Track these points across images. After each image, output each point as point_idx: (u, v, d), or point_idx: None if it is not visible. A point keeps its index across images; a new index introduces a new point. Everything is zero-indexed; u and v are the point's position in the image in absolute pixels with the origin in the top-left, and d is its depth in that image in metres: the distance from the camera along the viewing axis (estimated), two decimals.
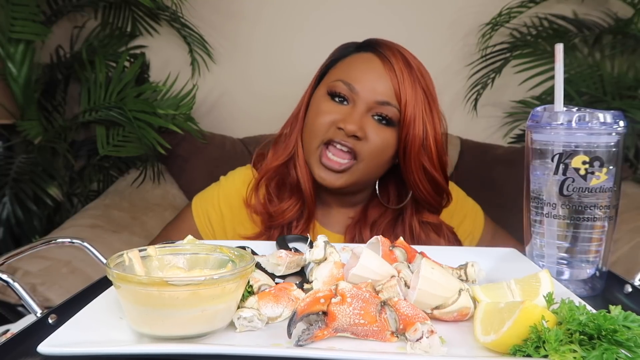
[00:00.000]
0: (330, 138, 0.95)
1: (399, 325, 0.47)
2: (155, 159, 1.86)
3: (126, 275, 0.46)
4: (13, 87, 1.94)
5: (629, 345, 0.41)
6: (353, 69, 0.99)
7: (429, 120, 0.96)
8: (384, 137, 0.96)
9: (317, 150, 0.97)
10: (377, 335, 0.47)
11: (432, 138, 0.96)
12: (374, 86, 0.95)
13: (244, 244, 0.71)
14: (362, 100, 0.96)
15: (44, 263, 1.35)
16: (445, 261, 0.65)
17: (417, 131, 0.95)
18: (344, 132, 0.94)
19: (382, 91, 0.95)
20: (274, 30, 2.10)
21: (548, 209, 0.64)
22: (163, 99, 1.94)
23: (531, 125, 0.66)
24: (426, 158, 0.97)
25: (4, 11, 1.83)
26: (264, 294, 0.52)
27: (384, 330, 0.47)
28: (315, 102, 1.02)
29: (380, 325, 0.47)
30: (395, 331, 0.47)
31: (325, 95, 0.99)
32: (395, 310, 0.47)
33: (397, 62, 0.96)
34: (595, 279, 0.64)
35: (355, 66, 0.99)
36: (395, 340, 0.47)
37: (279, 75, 2.11)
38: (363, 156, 0.95)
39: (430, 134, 0.96)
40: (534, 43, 1.97)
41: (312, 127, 0.99)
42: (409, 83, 0.95)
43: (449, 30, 2.05)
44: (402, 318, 0.47)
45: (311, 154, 0.98)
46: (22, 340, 0.47)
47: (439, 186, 1.00)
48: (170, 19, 2.05)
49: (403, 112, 0.95)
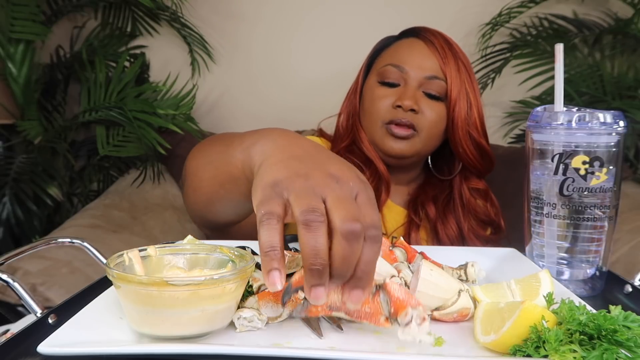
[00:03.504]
0: (391, 118, 1.04)
1: (391, 309, 0.46)
2: (155, 159, 1.86)
3: (126, 275, 0.46)
4: (13, 87, 1.94)
5: (629, 345, 0.41)
6: (399, 52, 1.09)
7: (471, 91, 1.06)
8: (437, 110, 1.05)
9: (381, 128, 1.06)
10: (370, 318, 0.47)
11: (475, 108, 1.07)
12: (421, 64, 1.05)
13: (244, 244, 0.71)
14: (412, 78, 1.05)
15: (44, 263, 1.35)
16: (445, 261, 0.65)
17: (462, 102, 1.05)
18: (402, 109, 1.03)
19: (429, 67, 1.05)
20: (274, 31, 2.10)
21: (548, 209, 0.64)
22: (163, 99, 1.94)
23: (531, 125, 0.66)
24: (472, 127, 1.07)
25: (4, 11, 1.83)
26: (264, 294, 0.52)
27: (378, 314, 0.47)
28: (368, 90, 1.10)
29: (373, 307, 0.47)
30: (388, 315, 0.46)
31: (377, 82, 1.08)
32: (387, 293, 0.46)
33: (438, 41, 1.07)
34: (595, 279, 0.64)
35: (401, 50, 1.09)
36: (389, 326, 0.46)
37: (279, 75, 2.11)
38: (421, 127, 1.04)
39: (473, 104, 1.07)
40: (534, 43, 1.97)
41: (371, 112, 1.08)
42: (451, 59, 1.05)
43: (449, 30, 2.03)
44: (394, 301, 0.46)
45: (375, 132, 1.07)
46: (22, 340, 0.47)
47: (484, 151, 1.10)
48: (170, 19, 2.05)
49: (449, 86, 1.04)
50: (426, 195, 1.12)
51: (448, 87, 1.04)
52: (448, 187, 1.14)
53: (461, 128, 1.05)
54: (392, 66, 1.06)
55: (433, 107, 1.05)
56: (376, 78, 1.09)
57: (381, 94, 1.06)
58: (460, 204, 1.11)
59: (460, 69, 1.06)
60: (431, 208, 1.10)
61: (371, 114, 1.07)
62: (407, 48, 1.09)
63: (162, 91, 1.95)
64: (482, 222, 1.13)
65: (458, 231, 1.09)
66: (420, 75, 1.04)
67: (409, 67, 1.05)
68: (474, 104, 1.06)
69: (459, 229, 1.09)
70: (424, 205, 1.11)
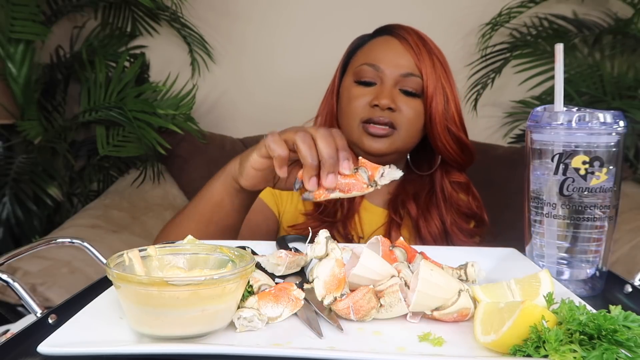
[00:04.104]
0: (368, 117, 1.04)
1: (369, 173, 0.67)
2: (155, 159, 1.86)
3: (126, 275, 0.46)
4: (13, 87, 1.94)
5: (629, 345, 0.41)
6: (374, 51, 1.09)
7: (447, 86, 1.07)
8: (414, 107, 1.06)
9: (358, 127, 1.06)
10: (356, 187, 0.67)
11: (452, 102, 1.07)
12: (396, 62, 1.05)
13: (244, 244, 0.71)
14: (388, 77, 1.05)
15: (44, 263, 1.35)
16: (445, 261, 0.65)
17: (439, 97, 1.05)
18: (379, 108, 1.03)
19: (404, 65, 1.05)
20: (274, 30, 2.10)
21: (548, 209, 0.64)
22: (163, 99, 1.94)
23: (531, 125, 0.66)
24: (450, 121, 1.07)
25: (4, 11, 1.83)
26: (264, 294, 0.52)
27: (361, 182, 0.67)
28: (345, 90, 1.10)
29: (356, 179, 0.67)
30: (367, 182, 0.67)
31: (353, 82, 1.08)
32: (364, 164, 0.68)
33: (412, 38, 1.07)
34: (595, 279, 0.64)
35: (376, 49, 1.09)
36: (370, 189, 0.67)
37: (279, 75, 2.11)
38: (400, 125, 1.05)
39: (450, 99, 1.07)
40: (534, 43, 1.97)
41: (348, 112, 1.08)
42: (426, 55, 1.06)
43: (449, 30, 2.05)
44: (369, 167, 0.67)
45: (353, 132, 1.07)
46: (22, 340, 0.47)
47: (464, 145, 1.10)
48: (170, 19, 2.05)
49: (425, 82, 1.05)
50: (406, 193, 1.12)
51: (424, 83, 1.04)
52: (429, 182, 1.14)
53: (439, 123, 1.06)
54: (368, 65, 1.06)
55: (410, 104, 1.05)
56: (352, 78, 1.09)
57: (358, 94, 1.06)
58: (442, 199, 1.12)
59: (435, 64, 1.06)
60: (412, 206, 1.10)
61: (348, 114, 1.07)
62: (382, 46, 1.09)
63: (162, 91, 1.95)
64: (465, 215, 1.13)
65: (441, 226, 1.09)
66: (395, 73, 1.05)
67: (384, 65, 1.05)
68: (451, 99, 1.07)
69: (442, 223, 1.09)
70: (404, 203, 1.11)
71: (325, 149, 0.68)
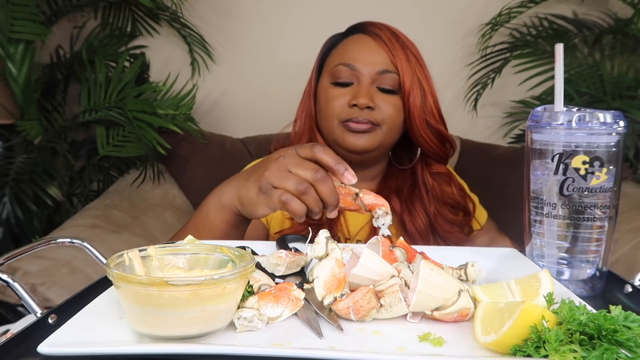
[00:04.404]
0: (347, 117, 1.04)
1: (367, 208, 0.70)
2: (155, 159, 1.86)
3: (126, 275, 0.46)
4: (13, 87, 1.94)
5: (629, 345, 0.41)
6: (348, 51, 1.08)
7: (423, 79, 1.07)
8: (393, 103, 1.06)
9: (339, 127, 1.06)
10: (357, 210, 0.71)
11: (429, 95, 1.07)
12: (371, 60, 1.05)
13: (244, 244, 0.71)
14: (364, 75, 1.05)
15: (44, 263, 1.35)
16: (445, 261, 0.65)
17: (416, 91, 1.05)
18: (358, 107, 1.03)
19: (379, 62, 1.05)
20: (274, 30, 2.10)
21: (548, 209, 0.64)
22: (163, 99, 1.94)
23: (531, 125, 0.66)
24: (428, 114, 1.07)
25: (4, 11, 1.83)
26: (264, 294, 0.52)
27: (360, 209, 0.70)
28: (322, 92, 1.10)
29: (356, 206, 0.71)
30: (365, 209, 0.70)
31: (330, 83, 1.08)
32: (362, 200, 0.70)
33: (385, 35, 1.07)
34: (595, 279, 0.64)
35: (350, 48, 1.09)
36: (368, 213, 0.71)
37: (279, 75, 2.11)
38: (381, 122, 1.05)
39: (427, 92, 1.07)
40: (534, 43, 1.97)
41: (327, 113, 1.08)
42: (400, 50, 1.05)
43: (449, 30, 2.05)
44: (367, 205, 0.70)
45: (334, 132, 1.07)
46: (22, 340, 0.47)
47: (443, 136, 1.10)
48: (170, 19, 2.06)
49: (402, 77, 1.04)
50: (389, 188, 1.13)
51: (400, 78, 1.04)
52: (410, 176, 1.14)
53: (418, 117, 1.06)
54: (343, 65, 1.06)
55: (389, 101, 1.05)
56: (329, 79, 1.08)
57: (335, 95, 1.06)
58: (425, 191, 1.12)
59: (410, 58, 1.06)
60: (395, 201, 1.10)
61: (327, 115, 1.07)
62: (356, 45, 1.08)
63: (162, 91, 1.95)
64: (449, 205, 1.13)
65: (426, 219, 1.09)
66: (372, 71, 1.04)
67: (360, 64, 1.05)
68: (428, 92, 1.07)
69: (427, 215, 1.09)
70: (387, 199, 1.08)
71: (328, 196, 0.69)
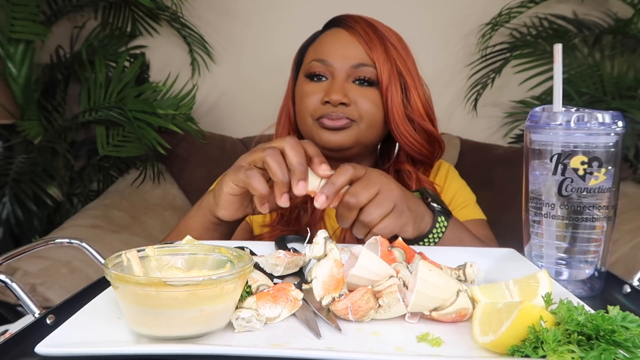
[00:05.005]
0: (321, 114, 0.99)
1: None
2: (155, 159, 1.86)
3: (124, 276, 0.46)
4: (13, 87, 1.95)
5: (627, 346, 0.41)
6: (323, 46, 1.05)
7: (406, 73, 1.01)
8: (370, 97, 1.00)
9: (314, 124, 1.01)
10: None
11: (414, 90, 1.01)
12: (345, 53, 1.00)
13: (243, 244, 0.71)
14: (338, 70, 1.00)
15: (44, 263, 1.35)
16: (444, 261, 0.65)
17: (395, 86, 0.99)
18: (331, 104, 0.98)
19: (353, 55, 1.00)
20: (274, 30, 2.10)
21: (547, 209, 0.64)
22: (163, 99, 1.95)
23: (530, 125, 0.66)
24: (414, 111, 1.01)
25: (4, 11, 1.84)
26: (262, 294, 0.52)
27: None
28: (298, 88, 1.07)
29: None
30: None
31: (304, 78, 1.04)
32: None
33: (360, 26, 1.02)
34: (594, 279, 0.64)
35: (324, 43, 1.05)
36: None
37: (279, 75, 2.10)
38: (358, 118, 0.99)
39: (411, 86, 1.01)
40: (534, 43, 1.97)
41: (301, 110, 1.04)
42: (377, 42, 1.00)
43: (449, 30, 2.05)
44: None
45: (310, 130, 1.02)
46: (19, 340, 0.47)
47: (431, 136, 1.04)
48: (170, 19, 2.06)
49: (379, 70, 0.99)
50: None
51: (378, 72, 0.99)
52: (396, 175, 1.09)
53: (397, 113, 0.99)
54: (317, 61, 1.02)
55: (367, 96, 0.99)
56: (303, 74, 1.05)
57: (309, 91, 1.02)
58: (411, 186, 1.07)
59: (389, 51, 1.00)
60: None
61: (302, 112, 1.03)
62: (330, 39, 1.05)
63: (162, 91, 1.95)
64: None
65: None
66: (345, 65, 0.99)
67: (333, 59, 1.00)
68: (412, 86, 1.01)
69: None
70: None
71: (293, 158, 0.69)
